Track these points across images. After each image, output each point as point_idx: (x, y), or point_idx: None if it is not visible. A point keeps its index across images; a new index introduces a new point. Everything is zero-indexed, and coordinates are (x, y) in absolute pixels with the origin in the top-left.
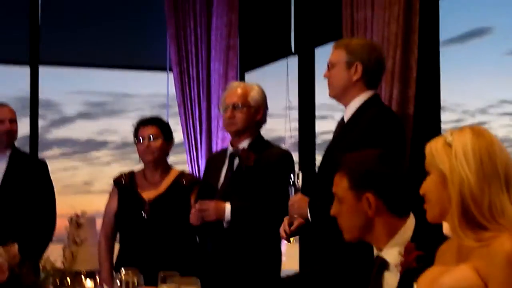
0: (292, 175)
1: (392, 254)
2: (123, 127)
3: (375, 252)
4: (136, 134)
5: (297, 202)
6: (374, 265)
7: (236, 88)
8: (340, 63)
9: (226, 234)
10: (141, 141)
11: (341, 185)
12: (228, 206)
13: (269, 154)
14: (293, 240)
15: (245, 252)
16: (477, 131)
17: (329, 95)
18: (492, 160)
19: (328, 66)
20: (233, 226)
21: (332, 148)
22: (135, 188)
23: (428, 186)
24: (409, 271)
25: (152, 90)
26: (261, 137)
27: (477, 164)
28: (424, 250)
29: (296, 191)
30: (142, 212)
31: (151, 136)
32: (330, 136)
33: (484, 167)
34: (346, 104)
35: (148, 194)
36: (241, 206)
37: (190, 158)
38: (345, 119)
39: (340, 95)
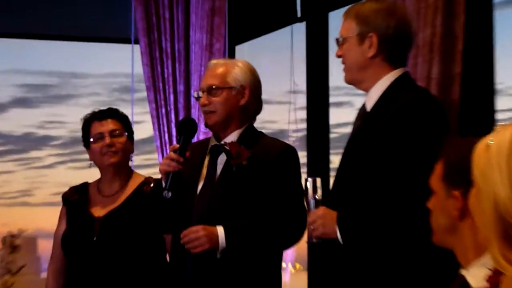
0: (308, 183)
1: (477, 276)
2: (72, 118)
3: (461, 269)
4: (88, 132)
5: (321, 218)
6: (454, 283)
7: (213, 67)
8: (351, 37)
9: (219, 264)
10: (100, 140)
11: (436, 172)
12: (220, 231)
13: (266, 149)
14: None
15: (239, 284)
16: None
17: (345, 80)
18: None
19: (337, 42)
20: (228, 254)
21: (353, 145)
22: (86, 204)
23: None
24: None
25: (111, 68)
26: (253, 128)
27: (510, 170)
28: None
29: (317, 203)
30: (92, 233)
31: (113, 131)
32: (347, 130)
33: None
34: (367, 90)
35: (100, 210)
36: (238, 228)
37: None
38: (368, 108)
39: (357, 78)
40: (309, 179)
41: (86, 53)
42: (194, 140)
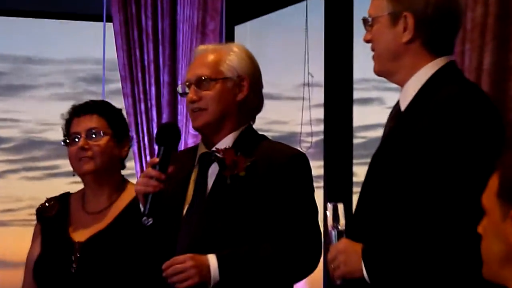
0: (327, 210)
1: None
2: (27, 115)
3: None
4: (68, 131)
5: (343, 253)
6: None
7: (201, 54)
8: (381, 17)
9: None
10: (75, 142)
11: (490, 188)
12: (213, 260)
13: (270, 157)
14: None
15: None
16: None
17: (374, 71)
18: None
19: (365, 23)
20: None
21: (383, 154)
22: (65, 222)
23: None
24: None
25: (77, 52)
26: (253, 131)
27: None
28: None
29: (339, 235)
30: (71, 261)
31: (90, 131)
32: (376, 134)
33: None
34: (401, 83)
35: (81, 233)
36: (235, 257)
37: (142, 167)
38: (402, 107)
39: (389, 69)
40: (329, 205)
41: (46, 33)
42: (181, 147)
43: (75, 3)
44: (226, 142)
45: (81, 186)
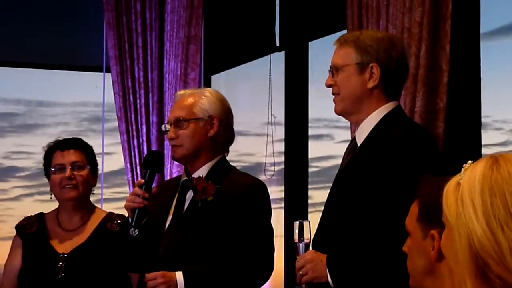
0: (295, 227)
1: None
2: (39, 148)
3: None
4: (49, 162)
5: (310, 262)
6: None
7: (179, 98)
8: (349, 65)
9: None
10: (60, 172)
11: (412, 213)
12: (180, 277)
13: (234, 185)
14: None
15: None
16: (496, 160)
17: (336, 111)
18: (506, 198)
19: (330, 70)
20: None
21: (342, 181)
22: (45, 238)
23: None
24: None
25: (81, 97)
26: (225, 162)
27: (485, 206)
28: None
29: (306, 247)
30: (56, 270)
31: (74, 164)
32: (327, 164)
33: (494, 209)
34: (358, 122)
35: (63, 246)
36: (198, 273)
37: None
38: (358, 142)
39: (351, 110)
40: (296, 222)
41: (55, 81)
42: (174, 174)
43: (80, 57)
44: (202, 171)
45: None
